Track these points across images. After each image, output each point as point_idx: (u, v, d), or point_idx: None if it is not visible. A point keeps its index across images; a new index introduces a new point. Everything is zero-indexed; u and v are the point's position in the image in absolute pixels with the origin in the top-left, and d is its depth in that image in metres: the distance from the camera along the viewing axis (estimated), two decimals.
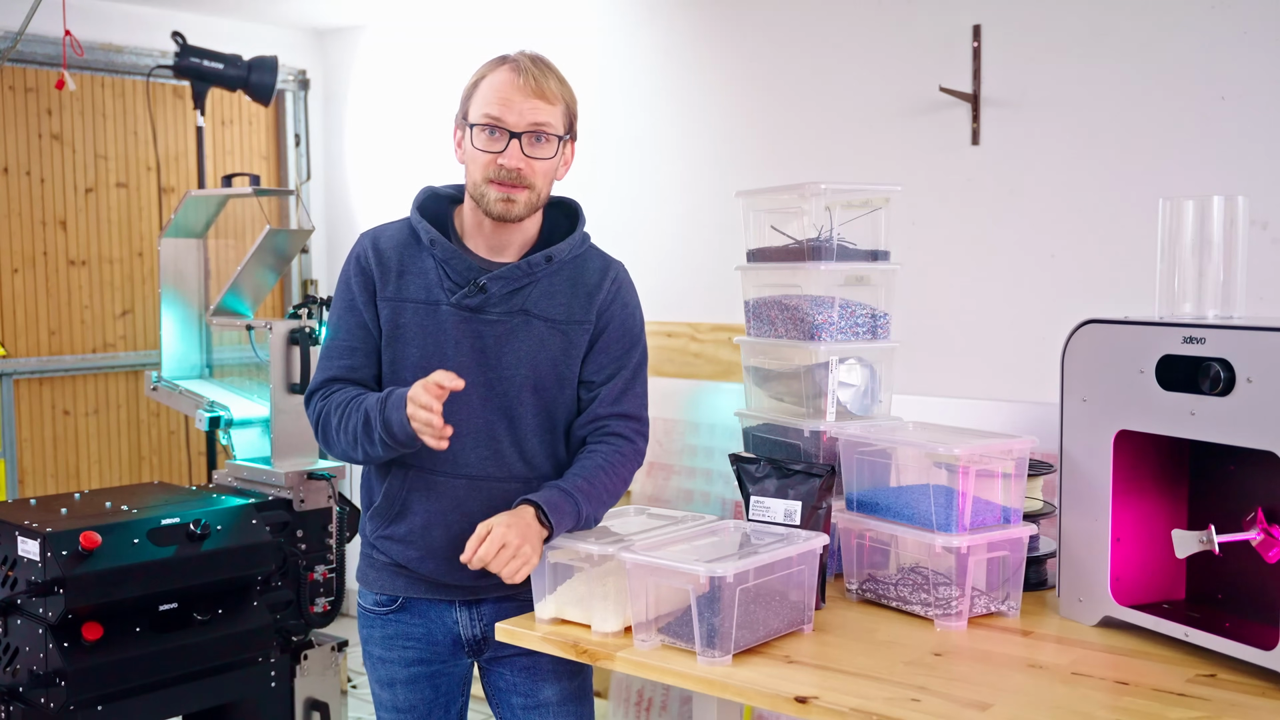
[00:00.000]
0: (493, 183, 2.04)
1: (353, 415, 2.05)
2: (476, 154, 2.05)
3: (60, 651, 2.67)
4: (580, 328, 2.13)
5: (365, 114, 5.18)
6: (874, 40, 3.52)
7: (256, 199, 4.36)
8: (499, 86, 2.03)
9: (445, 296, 2.08)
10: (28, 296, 4.52)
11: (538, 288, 2.11)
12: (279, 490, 3.32)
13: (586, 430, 2.15)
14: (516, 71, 2.04)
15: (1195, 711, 1.61)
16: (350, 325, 2.13)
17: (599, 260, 2.18)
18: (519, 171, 2.03)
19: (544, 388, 2.11)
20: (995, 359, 3.30)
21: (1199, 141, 2.95)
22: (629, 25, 4.17)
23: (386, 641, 2.21)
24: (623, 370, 2.15)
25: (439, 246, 2.09)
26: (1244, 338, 1.71)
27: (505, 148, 2.02)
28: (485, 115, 2.03)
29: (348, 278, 2.15)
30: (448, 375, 1.91)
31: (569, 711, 2.20)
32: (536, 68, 2.06)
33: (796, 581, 1.94)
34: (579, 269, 2.15)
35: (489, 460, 2.10)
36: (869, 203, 2.44)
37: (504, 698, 2.23)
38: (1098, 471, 1.93)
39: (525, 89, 2.02)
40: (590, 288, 2.14)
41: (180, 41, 4.15)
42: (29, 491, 4.49)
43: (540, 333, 2.10)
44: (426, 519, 2.11)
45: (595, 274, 2.15)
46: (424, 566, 2.13)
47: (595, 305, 2.13)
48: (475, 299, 2.07)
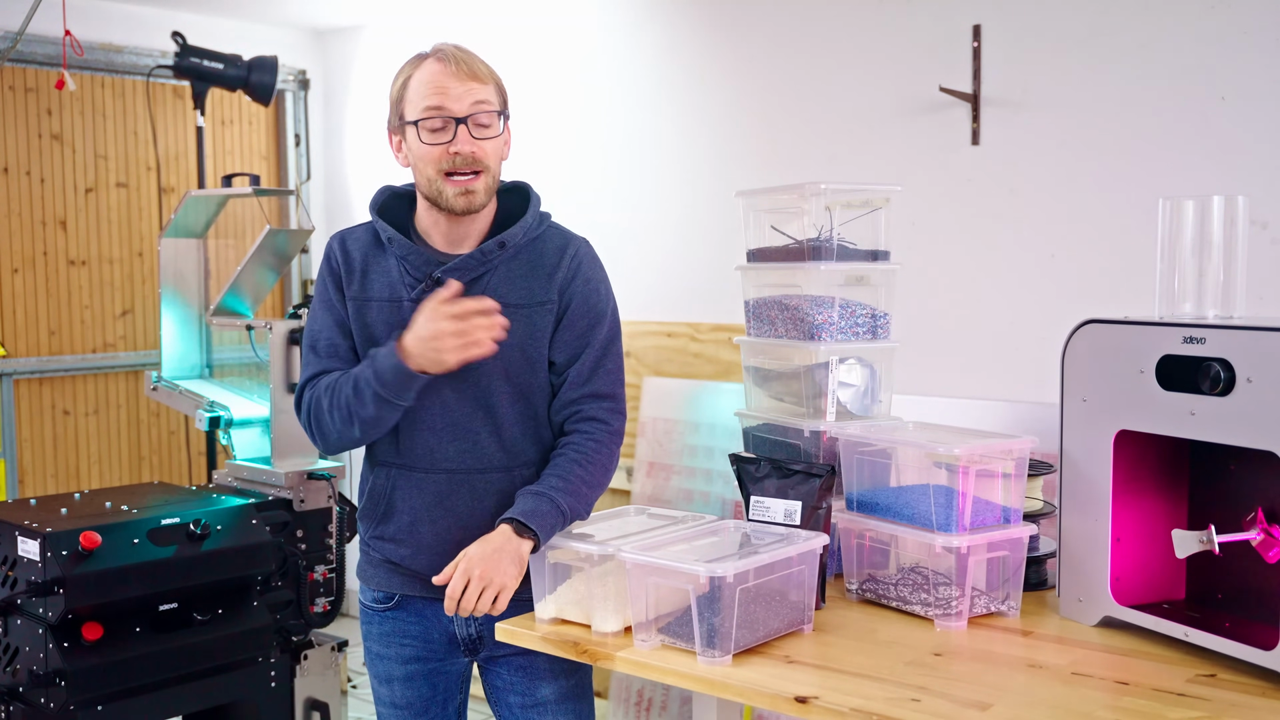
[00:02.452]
0: (448, 177, 2.05)
1: (342, 388, 2.06)
2: (425, 150, 2.05)
3: (60, 651, 2.67)
4: (543, 309, 2.12)
5: (365, 114, 5.18)
6: (874, 40, 3.52)
7: (256, 199, 4.36)
8: (431, 78, 2.05)
9: (406, 293, 2.11)
10: (28, 296, 4.52)
11: (495, 275, 2.11)
12: (279, 490, 3.32)
13: (562, 416, 2.15)
14: (443, 59, 2.06)
15: (1195, 711, 1.61)
16: (329, 323, 2.16)
17: (558, 239, 2.17)
18: (473, 155, 2.04)
19: (515, 374, 2.11)
20: (995, 359, 3.30)
21: (1199, 141, 2.95)
22: (629, 25, 4.17)
23: (384, 638, 2.22)
24: (589, 348, 2.14)
25: (397, 244, 2.12)
26: (1244, 338, 1.71)
27: (454, 136, 2.03)
28: (426, 108, 2.04)
29: (323, 278, 2.19)
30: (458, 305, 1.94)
31: (568, 709, 2.20)
32: (461, 53, 2.08)
33: (796, 581, 1.94)
34: (537, 251, 2.14)
35: (467, 453, 2.12)
36: (869, 203, 2.44)
37: (502, 696, 2.23)
38: (1098, 471, 1.93)
39: (458, 73, 2.04)
40: (549, 267, 2.13)
41: (180, 41, 4.15)
42: (29, 491, 4.49)
43: (504, 318, 2.08)
44: (413, 516, 2.13)
45: (554, 253, 2.14)
46: (415, 563, 2.14)
47: (555, 284, 2.12)
48: (432, 291, 2.08)
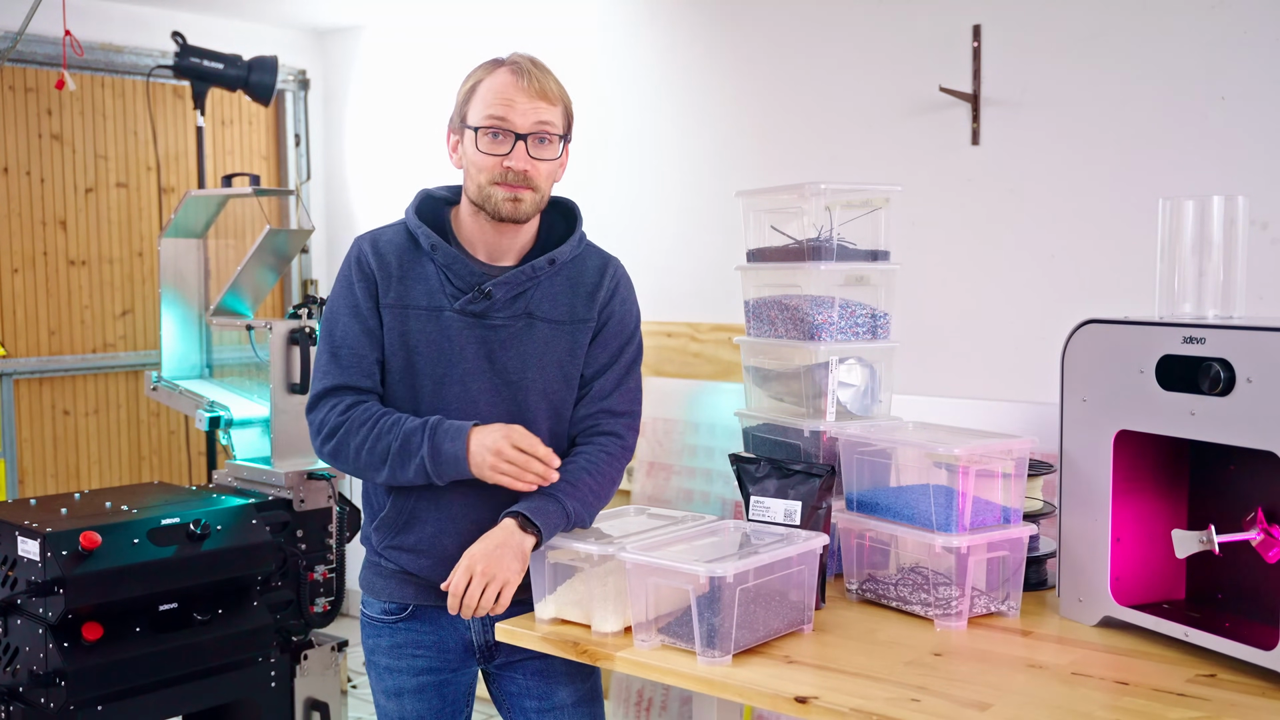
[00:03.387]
0: (498, 184, 2.03)
1: (385, 438, 2.02)
2: (481, 158, 2.03)
3: (60, 651, 2.67)
4: (584, 326, 2.13)
5: (365, 114, 5.18)
6: (874, 40, 3.52)
7: (256, 199, 4.36)
8: (500, 88, 2.02)
9: (448, 302, 2.07)
10: (28, 296, 4.52)
11: (539, 290, 2.10)
12: (279, 490, 3.32)
13: (579, 427, 2.15)
14: (517, 73, 2.03)
15: (1195, 711, 1.61)
16: (355, 331, 2.09)
17: (597, 258, 2.18)
18: (525, 173, 2.02)
19: (552, 390, 2.11)
20: (995, 359, 3.30)
21: (1199, 141, 2.95)
22: (629, 25, 4.17)
23: (395, 650, 2.17)
24: (616, 364, 2.15)
25: (440, 252, 2.08)
26: (1244, 338, 1.71)
27: (511, 150, 2.02)
28: (489, 117, 2.01)
29: (349, 282, 2.11)
30: (532, 439, 1.98)
31: (584, 713, 2.19)
32: (537, 69, 2.05)
33: (796, 581, 1.94)
34: (578, 269, 2.14)
35: None
36: (869, 203, 2.44)
37: (516, 702, 2.20)
38: (1098, 471, 1.93)
39: (528, 90, 2.02)
40: (591, 286, 2.14)
41: (180, 41, 4.15)
42: (29, 491, 4.49)
43: (545, 335, 2.10)
44: (437, 528, 2.09)
45: (594, 272, 2.15)
46: (436, 574, 2.09)
47: (597, 303, 2.13)
48: (480, 305, 2.06)
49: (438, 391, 2.08)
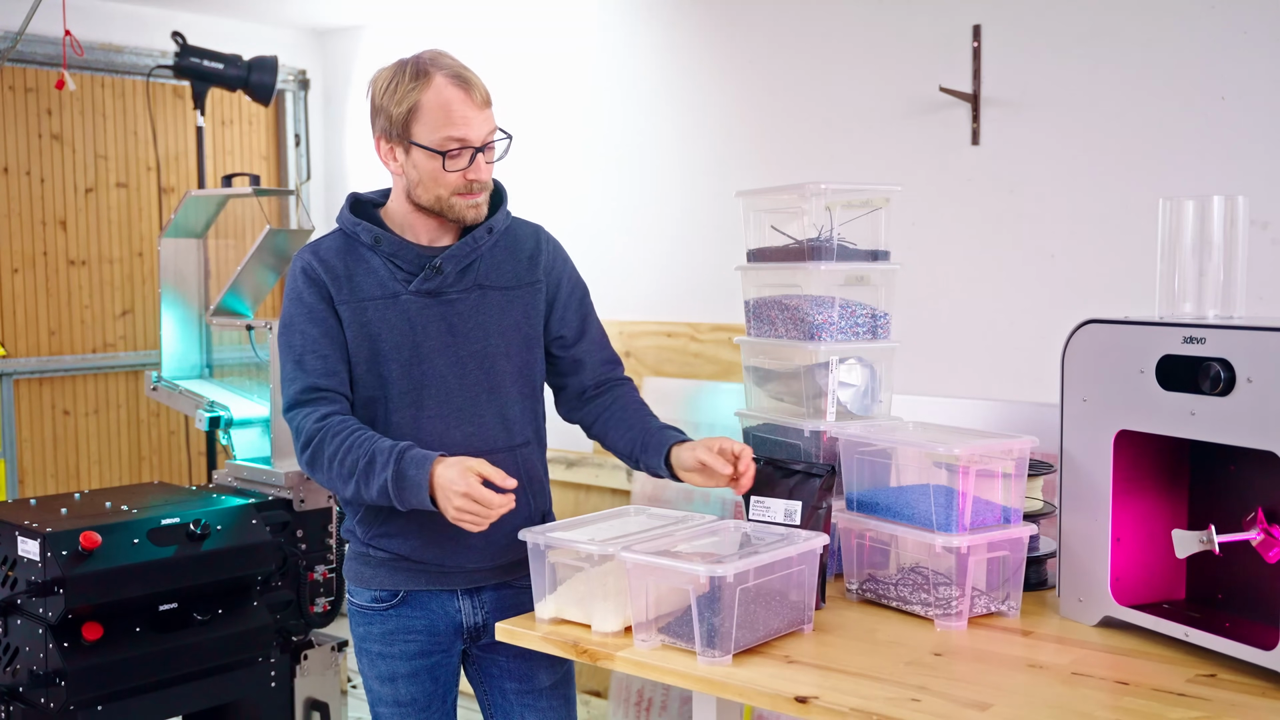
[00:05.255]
0: (460, 195, 2.11)
1: (354, 451, 2.03)
2: (445, 176, 2.09)
3: (60, 651, 2.67)
4: (533, 289, 2.23)
5: (365, 114, 5.17)
6: (874, 40, 3.52)
7: (256, 199, 4.36)
8: (452, 106, 2.06)
9: (401, 287, 2.13)
10: (28, 296, 4.52)
11: (483, 262, 2.19)
12: (279, 490, 3.32)
13: (594, 379, 2.30)
14: (461, 86, 2.07)
15: (1195, 711, 1.61)
16: (315, 335, 2.12)
17: (528, 226, 2.30)
18: (483, 179, 2.13)
19: (516, 353, 2.20)
20: (995, 359, 3.30)
21: (1199, 141, 2.95)
22: (629, 25, 4.17)
23: (387, 637, 2.21)
24: (589, 317, 2.32)
25: (385, 241, 2.14)
26: (1244, 338, 1.71)
27: (470, 162, 2.09)
28: (451, 139, 2.07)
29: (298, 293, 2.14)
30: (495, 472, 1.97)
31: (559, 695, 2.28)
32: (469, 73, 2.11)
33: (796, 581, 1.94)
34: (512, 238, 2.26)
35: (473, 436, 2.15)
36: (869, 203, 2.44)
37: (496, 683, 2.27)
38: (1098, 471, 1.93)
39: (476, 102, 2.09)
40: (530, 251, 2.25)
41: (180, 41, 4.15)
42: (29, 491, 4.49)
43: (499, 302, 2.19)
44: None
45: (529, 239, 2.27)
46: (426, 554, 2.15)
47: (539, 266, 2.25)
48: (433, 281, 2.13)
49: (407, 373, 2.13)
